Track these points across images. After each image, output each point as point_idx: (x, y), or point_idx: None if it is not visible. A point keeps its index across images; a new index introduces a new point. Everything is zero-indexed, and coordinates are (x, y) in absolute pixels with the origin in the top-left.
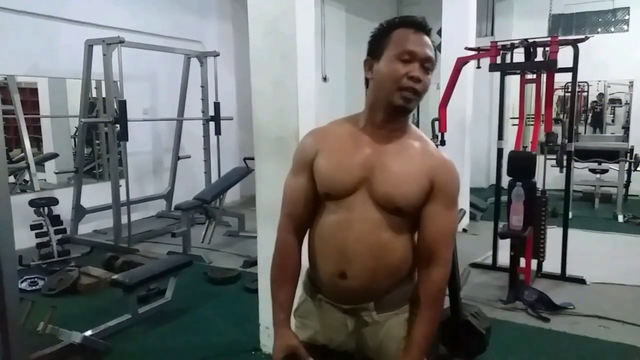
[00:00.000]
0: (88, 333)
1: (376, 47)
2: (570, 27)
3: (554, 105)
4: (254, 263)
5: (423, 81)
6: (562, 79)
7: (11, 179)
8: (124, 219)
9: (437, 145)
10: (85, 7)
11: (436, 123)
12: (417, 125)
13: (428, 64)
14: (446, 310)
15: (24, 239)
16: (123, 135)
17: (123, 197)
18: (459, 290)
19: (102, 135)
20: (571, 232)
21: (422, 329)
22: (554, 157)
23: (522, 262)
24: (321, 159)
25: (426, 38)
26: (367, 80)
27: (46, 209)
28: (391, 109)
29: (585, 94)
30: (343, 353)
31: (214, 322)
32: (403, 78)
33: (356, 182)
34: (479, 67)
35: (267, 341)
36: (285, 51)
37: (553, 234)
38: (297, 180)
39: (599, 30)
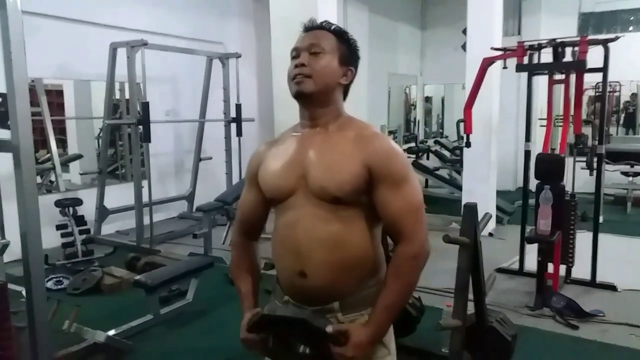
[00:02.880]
0: (111, 333)
1: None
2: (601, 25)
3: (584, 106)
4: (274, 265)
5: (311, 64)
6: (592, 78)
7: (38, 179)
8: (146, 220)
9: (462, 147)
10: (110, 11)
11: (461, 124)
12: (442, 126)
13: (315, 49)
14: (471, 317)
15: (49, 239)
16: (146, 137)
17: (145, 198)
18: (483, 296)
19: (125, 136)
20: (602, 236)
21: (382, 299)
22: (584, 159)
23: (550, 267)
24: (263, 167)
25: (314, 32)
26: None
27: (71, 209)
28: (297, 100)
29: (617, 94)
30: None
31: (234, 323)
32: (292, 70)
33: (293, 182)
34: (505, 67)
35: None
36: None
37: (583, 239)
38: (245, 191)
39: (631, 28)
